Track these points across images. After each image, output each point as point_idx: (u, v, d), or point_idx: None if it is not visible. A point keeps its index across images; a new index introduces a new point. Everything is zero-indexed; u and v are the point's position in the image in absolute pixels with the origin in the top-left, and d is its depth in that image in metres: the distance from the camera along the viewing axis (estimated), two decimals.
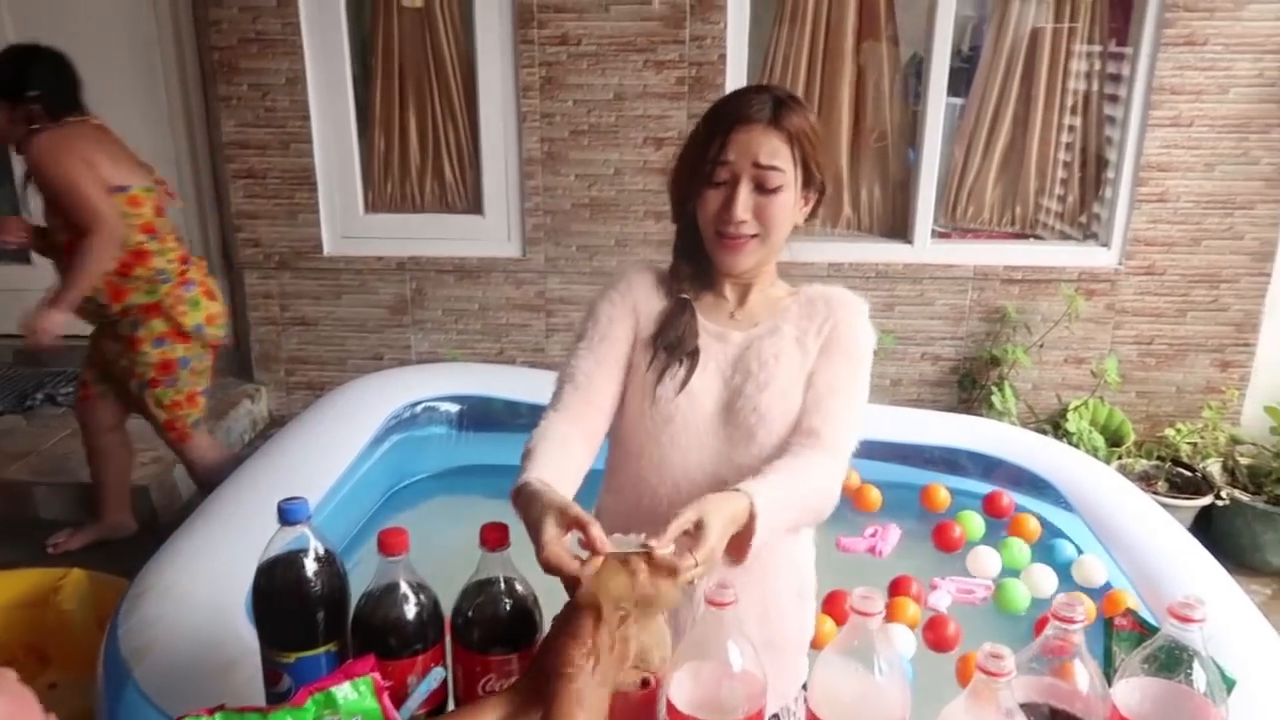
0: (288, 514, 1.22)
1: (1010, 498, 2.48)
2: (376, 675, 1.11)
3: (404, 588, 1.22)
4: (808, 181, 1.34)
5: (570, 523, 1.09)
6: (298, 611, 1.22)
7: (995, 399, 3.25)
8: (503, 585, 1.22)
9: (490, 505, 1.37)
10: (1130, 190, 3.43)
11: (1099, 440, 3.18)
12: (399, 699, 1.19)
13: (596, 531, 1.06)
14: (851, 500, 2.51)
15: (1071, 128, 3.55)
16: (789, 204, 1.32)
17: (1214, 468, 3.28)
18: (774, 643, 1.43)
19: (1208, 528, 3.15)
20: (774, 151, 1.29)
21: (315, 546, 1.24)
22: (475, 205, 3.69)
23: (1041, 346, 3.51)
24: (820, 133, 1.34)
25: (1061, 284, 3.47)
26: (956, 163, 3.63)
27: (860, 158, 3.65)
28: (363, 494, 2.52)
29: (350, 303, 3.74)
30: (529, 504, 1.17)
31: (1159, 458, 3.33)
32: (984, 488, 2.61)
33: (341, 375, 3.64)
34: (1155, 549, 2.17)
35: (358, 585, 1.24)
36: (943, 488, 2.50)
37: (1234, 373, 3.55)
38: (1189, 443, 3.35)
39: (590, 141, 3.50)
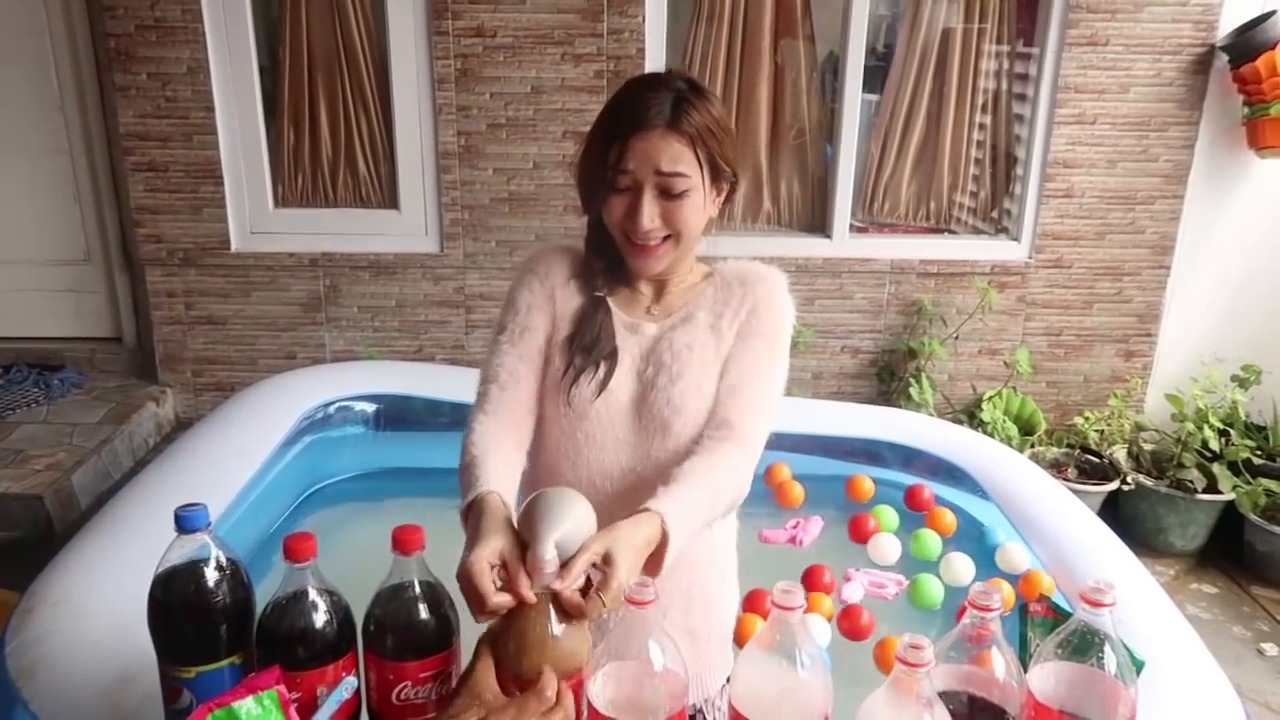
0: (185, 521, 1.16)
1: (931, 491, 2.51)
2: (281, 688, 1.05)
3: (312, 595, 1.17)
4: (716, 176, 1.30)
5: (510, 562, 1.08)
6: (197, 624, 1.16)
7: (913, 390, 3.31)
8: (417, 589, 1.18)
9: (410, 507, 1.35)
10: (1038, 186, 3.52)
11: (1013, 429, 3.27)
12: (308, 711, 1.14)
13: (524, 584, 1.05)
14: (774, 495, 2.52)
15: (982, 125, 3.64)
16: (698, 204, 1.28)
17: (1120, 454, 3.40)
18: (697, 632, 1.44)
19: (1115, 512, 3.27)
20: (675, 157, 1.25)
21: (216, 555, 1.18)
22: (390, 200, 3.60)
23: (957, 339, 3.58)
24: (725, 122, 1.30)
25: (975, 277, 3.55)
26: (873, 158, 3.68)
27: (779, 154, 3.68)
28: (274, 499, 2.43)
29: (261, 300, 3.61)
30: (484, 517, 1.15)
31: (1069, 445, 3.43)
32: (905, 479, 2.64)
33: (253, 375, 3.51)
34: (1068, 534, 2.22)
35: (267, 594, 1.18)
36: (867, 478, 2.52)
37: (1137, 362, 3.68)
38: (1096, 430, 3.46)
39: (508, 135, 3.45)
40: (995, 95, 3.61)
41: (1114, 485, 3.26)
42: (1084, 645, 1.07)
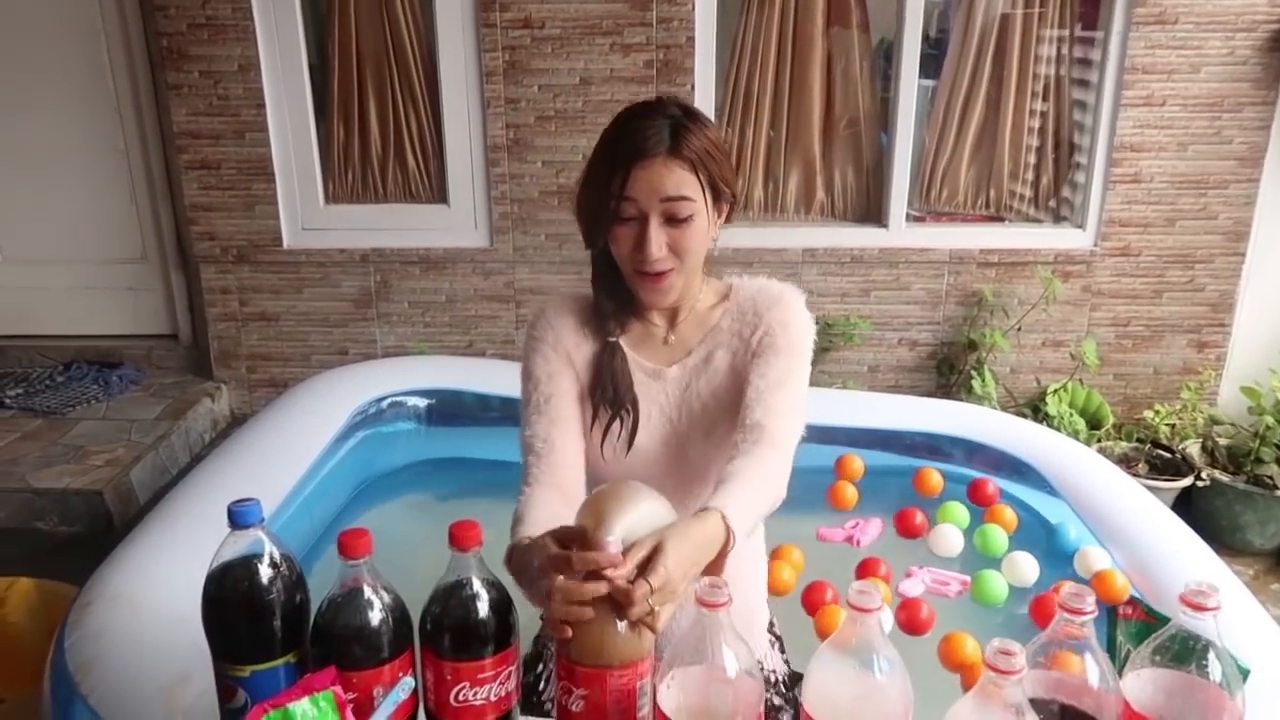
0: (239, 517, 1.14)
1: (996, 485, 2.42)
2: (338, 689, 1.03)
3: (367, 592, 1.14)
4: (717, 197, 1.31)
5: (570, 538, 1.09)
6: (251, 621, 1.14)
7: (975, 383, 3.21)
8: (475, 587, 1.14)
9: (461, 501, 1.33)
10: (1104, 171, 3.40)
11: (1079, 423, 3.15)
12: (365, 712, 1.11)
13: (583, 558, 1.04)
14: (827, 496, 2.45)
15: (1043, 111, 3.52)
16: (702, 228, 1.29)
17: (1193, 449, 3.26)
18: (738, 605, 1.41)
19: (1188, 509, 3.13)
20: (679, 183, 1.25)
21: (270, 551, 1.15)
22: (440, 194, 3.59)
23: (1019, 330, 3.47)
24: (722, 144, 1.32)
25: (1038, 266, 3.44)
26: (929, 146, 3.58)
27: (832, 143, 3.59)
28: (328, 493, 2.42)
29: (312, 296, 3.62)
30: (524, 553, 1.16)
31: (1139, 440, 3.31)
32: (969, 474, 2.56)
33: (305, 371, 3.52)
34: (1145, 533, 2.12)
35: (321, 591, 1.16)
36: (935, 472, 2.44)
37: (1210, 353, 3.54)
38: (1168, 424, 3.33)
39: (557, 127, 3.41)
40: (1056, 79, 3.49)
41: (1187, 481, 3.13)
42: (1184, 652, 1.00)
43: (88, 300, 3.84)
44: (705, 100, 3.42)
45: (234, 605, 1.13)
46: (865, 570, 2.10)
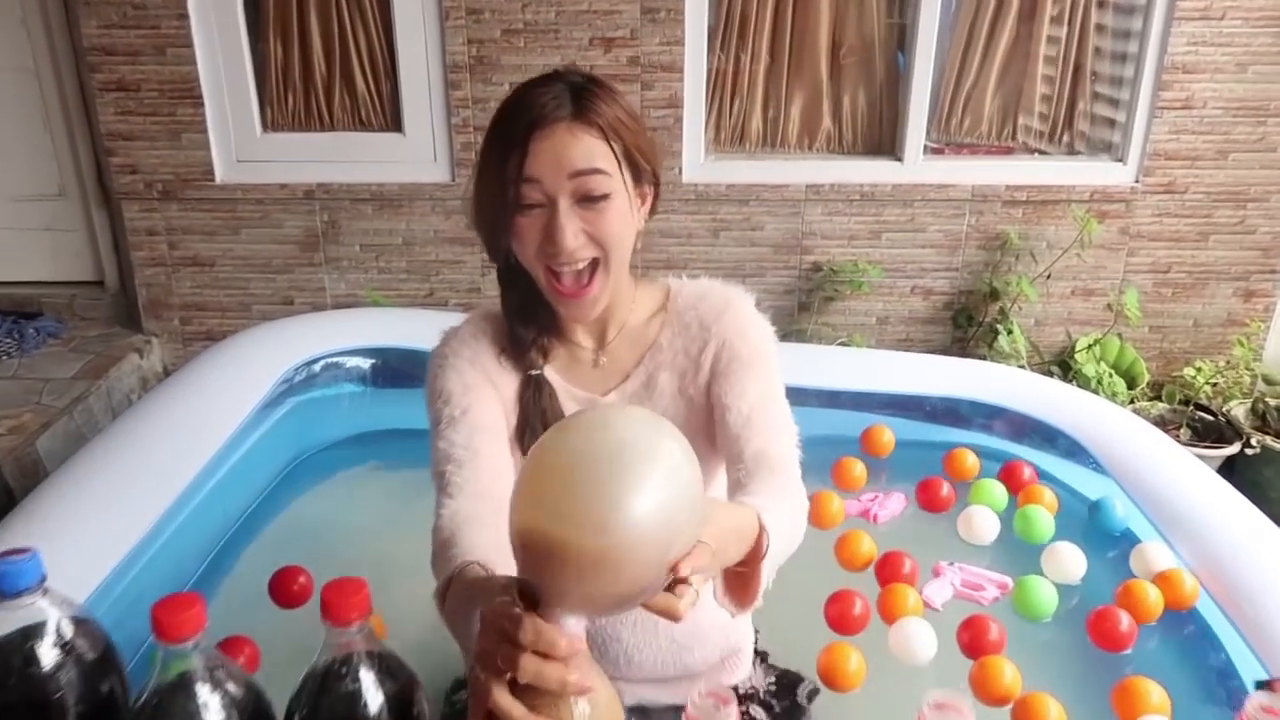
0: (4, 582, 0.77)
1: (1033, 470, 2.06)
2: None
3: (201, 689, 0.77)
4: (637, 177, 1.11)
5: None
6: None
7: (1001, 338, 2.84)
8: (360, 676, 0.78)
9: (415, 481, 1.17)
10: (1150, 96, 2.99)
11: (1119, 385, 2.79)
12: None
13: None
14: (831, 474, 2.09)
15: (1081, 26, 3.09)
16: (623, 211, 1.08)
17: (1239, 411, 2.92)
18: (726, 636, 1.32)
19: (1233, 479, 2.79)
20: (589, 152, 1.05)
21: (57, 625, 0.79)
22: (393, 122, 3.15)
23: (1048, 277, 3.09)
24: (635, 114, 1.12)
25: (1071, 205, 3.04)
26: (951, 67, 3.15)
27: (840, 65, 3.16)
28: (248, 476, 2.05)
29: (251, 238, 3.20)
30: (468, 590, 0.91)
31: (1182, 401, 2.95)
32: (997, 449, 2.20)
33: (246, 323, 3.12)
34: (1216, 526, 1.78)
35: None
36: (970, 453, 2.08)
37: (1258, 303, 3.17)
38: (1210, 383, 2.98)
39: (526, 43, 2.97)
40: None
41: (1234, 449, 2.79)
42: None
43: (1, 241, 3.41)
44: (695, 19, 2.98)
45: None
46: (886, 570, 1.73)
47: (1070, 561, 1.80)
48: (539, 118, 1.04)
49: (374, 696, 0.78)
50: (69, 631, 0.78)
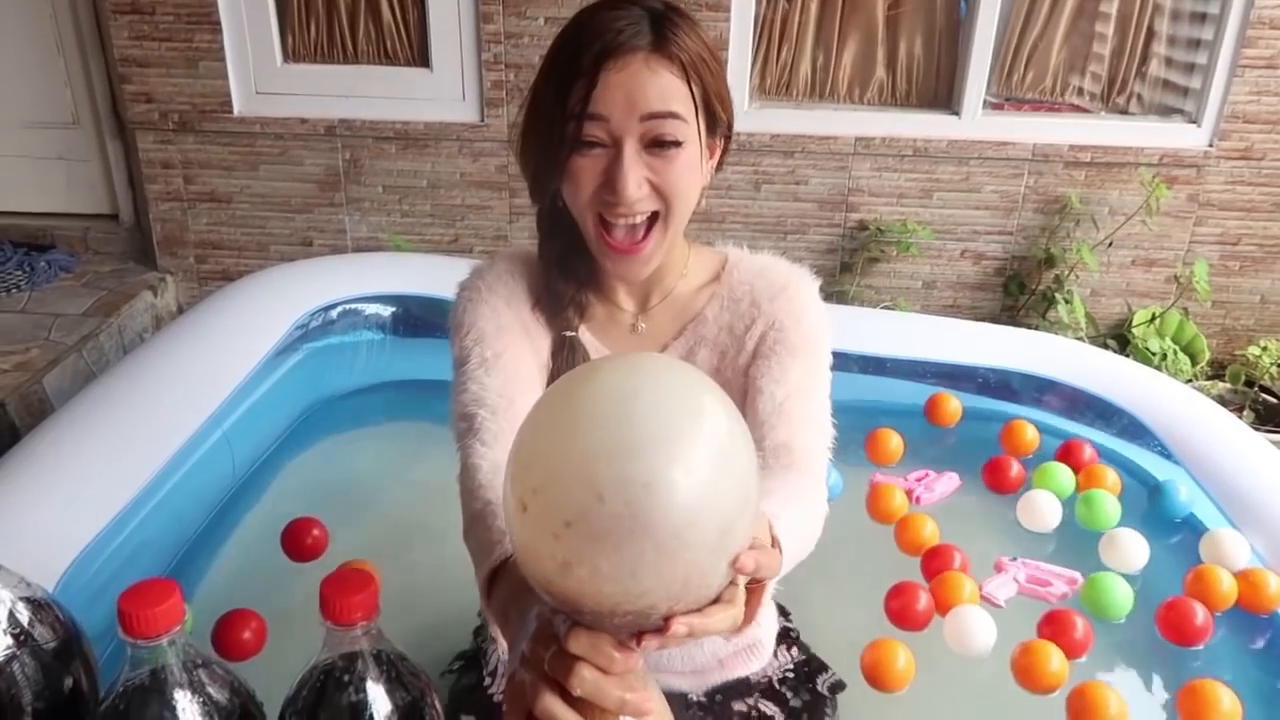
0: None
1: (1093, 450, 1.91)
2: None
3: (175, 689, 0.65)
4: (712, 126, 0.98)
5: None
6: None
7: (1060, 308, 2.66)
8: (364, 681, 0.66)
9: (436, 435, 1.07)
10: (1233, 53, 2.78)
11: (1184, 362, 2.63)
12: None
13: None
14: (865, 447, 1.94)
15: None
16: (694, 161, 0.95)
17: None
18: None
19: None
20: (666, 91, 0.92)
21: (10, 606, 0.67)
22: (420, 56, 2.98)
23: (1109, 245, 2.91)
24: (716, 52, 0.98)
25: (1139, 169, 2.85)
26: (1016, 16, 2.94)
27: (898, 8, 2.96)
28: (259, 424, 1.93)
29: (270, 175, 3.06)
30: (523, 588, 0.71)
31: (1246, 382, 2.78)
32: (1056, 427, 2.05)
33: (263, 263, 2.99)
34: None
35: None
36: (1030, 426, 1.93)
37: None
38: (1276, 364, 2.80)
39: None
40: None
41: None
42: None
43: (13, 170, 3.28)
44: None
45: None
46: (934, 561, 1.59)
47: (1133, 550, 1.66)
48: (613, 45, 0.90)
49: (381, 706, 0.66)
50: (24, 617, 0.66)
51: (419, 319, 2.31)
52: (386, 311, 2.27)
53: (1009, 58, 2.99)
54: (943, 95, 3.00)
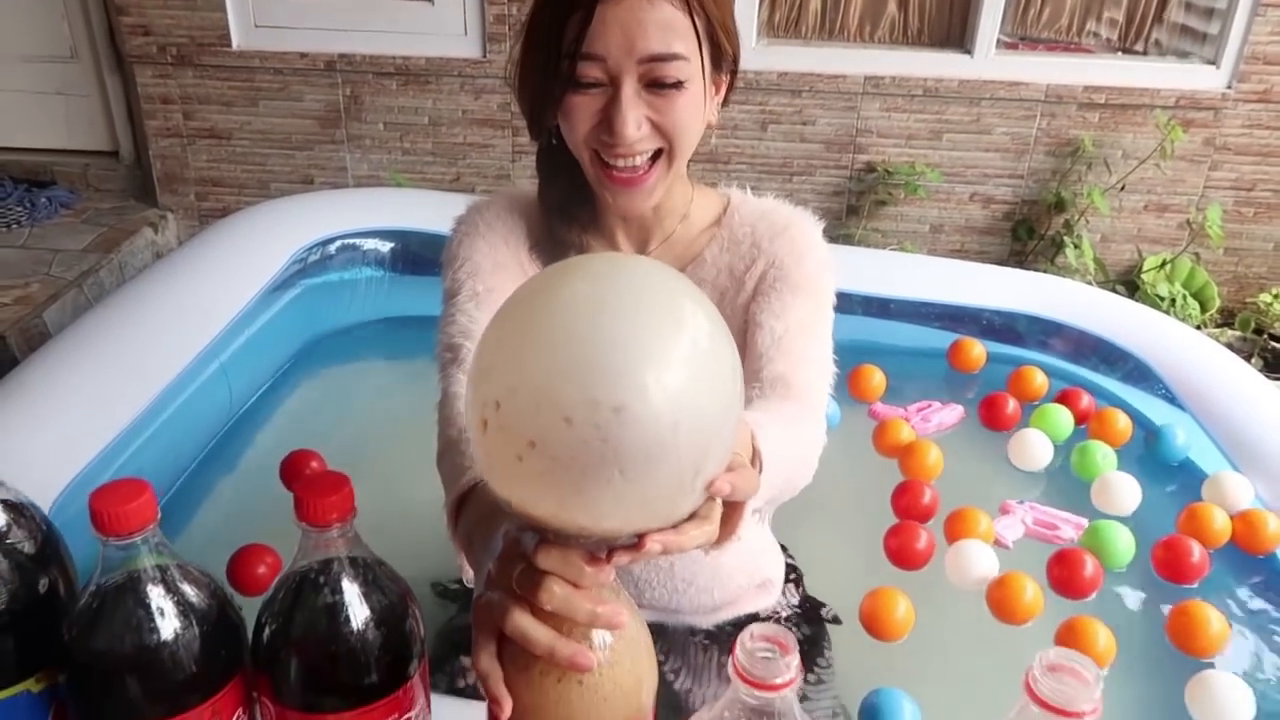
0: None
1: (1091, 399, 1.89)
2: None
3: (151, 591, 0.65)
4: (717, 61, 0.94)
5: None
6: None
7: (1069, 252, 2.63)
8: (341, 586, 0.65)
9: (428, 366, 1.02)
10: None
11: (1194, 308, 2.59)
12: None
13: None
14: (848, 384, 1.92)
15: None
16: (697, 99, 0.92)
17: None
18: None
19: None
20: (667, 30, 0.87)
21: None
22: None
23: (1122, 189, 2.86)
24: None
25: (1154, 111, 2.79)
26: None
27: None
28: (255, 357, 1.93)
29: (270, 111, 3.03)
30: (494, 510, 0.71)
31: (1256, 330, 2.75)
32: (1059, 366, 2.03)
33: (264, 200, 2.96)
34: None
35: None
36: (1040, 372, 1.91)
37: None
38: None
39: None
40: None
41: None
42: None
43: (10, 105, 3.25)
44: None
45: None
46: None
47: (1125, 494, 1.64)
48: None
49: (358, 610, 0.65)
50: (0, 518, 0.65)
51: (418, 256, 2.29)
52: (385, 247, 2.25)
53: None
54: (955, 33, 2.93)
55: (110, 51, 3.13)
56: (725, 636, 1.15)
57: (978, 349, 1.98)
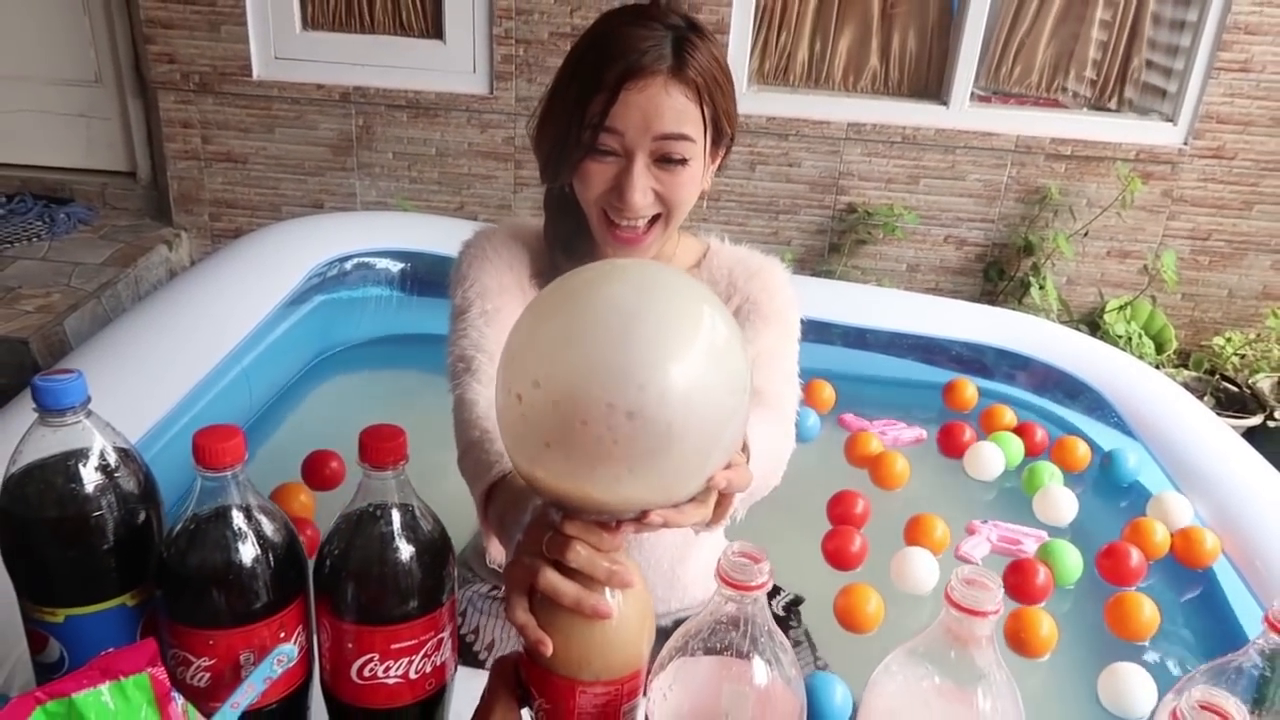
0: (49, 396, 0.77)
1: (1045, 433, 2.03)
2: (158, 671, 0.67)
3: (237, 518, 0.78)
4: (717, 140, 1.07)
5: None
6: (66, 547, 0.79)
7: (1034, 292, 2.81)
8: (394, 521, 0.79)
9: (437, 386, 1.10)
10: (1209, 56, 2.91)
11: (1149, 346, 2.77)
12: (223, 687, 0.77)
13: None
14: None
15: None
16: (697, 174, 1.05)
17: (1265, 384, 2.89)
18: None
19: None
20: (680, 115, 1.00)
21: (101, 448, 0.80)
22: (434, 28, 3.10)
23: (1085, 235, 3.05)
24: (727, 68, 1.05)
25: (1116, 163, 2.99)
26: (1006, 12, 3.07)
27: (893, 1, 3.09)
28: (273, 365, 2.06)
29: (285, 138, 3.18)
30: (523, 495, 0.85)
31: (1208, 371, 2.93)
32: (1021, 397, 2.19)
33: (278, 222, 3.11)
34: (1241, 487, 1.77)
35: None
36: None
37: None
38: (1238, 354, 2.95)
39: None
40: None
41: (1256, 420, 2.77)
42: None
43: (36, 125, 3.40)
44: None
45: (38, 525, 0.78)
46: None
47: (1063, 505, 1.79)
48: (635, 66, 0.98)
49: (406, 546, 0.78)
50: (112, 458, 0.79)
51: (425, 278, 2.43)
52: (396, 267, 2.40)
53: (997, 53, 3.12)
54: (933, 86, 3.13)
55: (134, 77, 3.29)
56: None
57: (970, 389, 2.11)
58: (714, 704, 0.70)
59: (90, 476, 0.78)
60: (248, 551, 0.77)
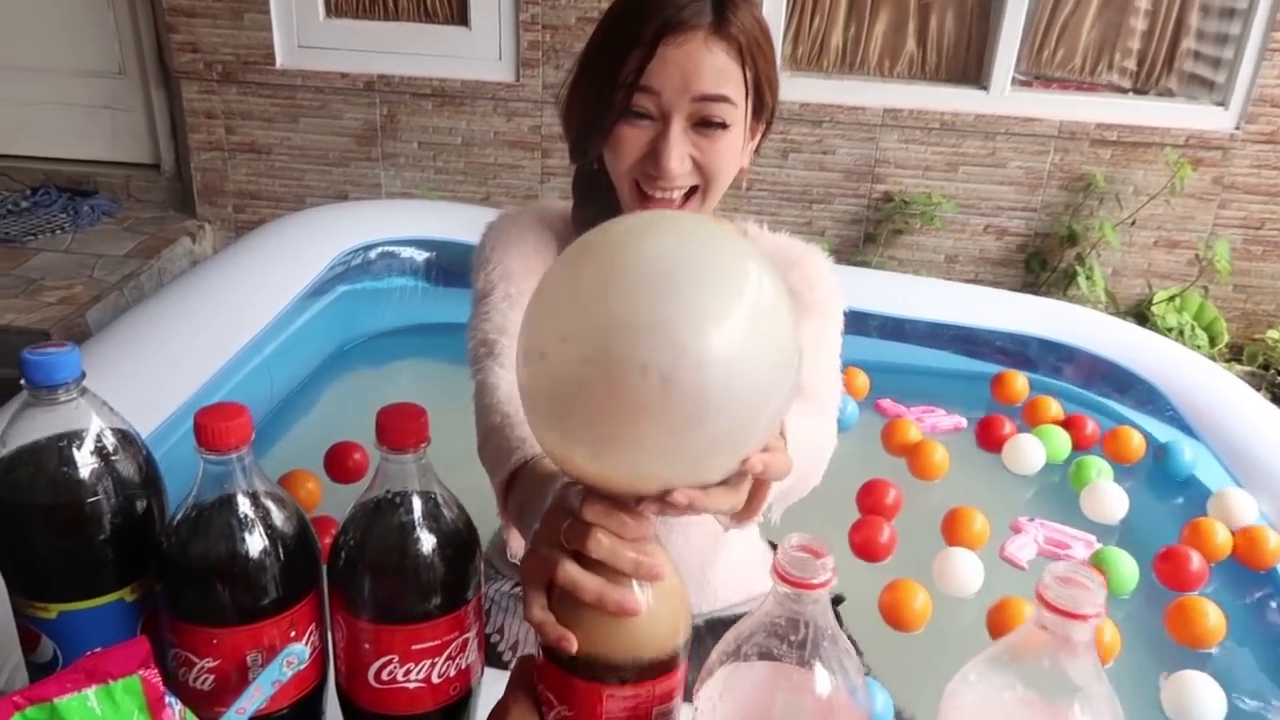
0: (38, 371, 0.71)
1: (1096, 425, 1.94)
2: (149, 674, 0.61)
3: (243, 505, 0.72)
4: (758, 110, 1.01)
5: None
6: (58, 537, 0.73)
7: (1081, 283, 2.70)
8: (415, 509, 0.72)
9: (460, 377, 1.04)
10: (1263, 36, 2.79)
11: (1202, 338, 2.66)
12: (229, 690, 0.70)
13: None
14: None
15: None
16: (736, 143, 0.98)
17: None
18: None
19: None
20: (720, 74, 0.94)
21: (98, 429, 0.74)
22: (459, 14, 3.04)
23: (1133, 224, 2.93)
24: (769, 31, 0.99)
25: (1164, 149, 2.87)
26: None
27: None
28: (295, 355, 2.00)
29: (309, 128, 3.14)
30: (545, 482, 0.80)
31: (1264, 364, 2.81)
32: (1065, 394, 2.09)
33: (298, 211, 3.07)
34: None
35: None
36: (1054, 401, 1.96)
37: None
38: None
39: None
40: None
41: None
42: None
43: (60, 117, 3.38)
44: None
45: (28, 513, 0.72)
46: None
47: (1108, 502, 1.69)
48: (674, 20, 0.92)
49: (428, 537, 0.72)
50: (109, 441, 0.73)
51: (452, 266, 2.37)
52: (421, 257, 2.34)
53: (1039, 35, 3.01)
54: (972, 70, 3.03)
55: (158, 67, 3.26)
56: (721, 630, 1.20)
57: (1021, 381, 2.01)
58: (769, 715, 0.63)
59: (85, 460, 0.71)
60: (255, 542, 0.71)
